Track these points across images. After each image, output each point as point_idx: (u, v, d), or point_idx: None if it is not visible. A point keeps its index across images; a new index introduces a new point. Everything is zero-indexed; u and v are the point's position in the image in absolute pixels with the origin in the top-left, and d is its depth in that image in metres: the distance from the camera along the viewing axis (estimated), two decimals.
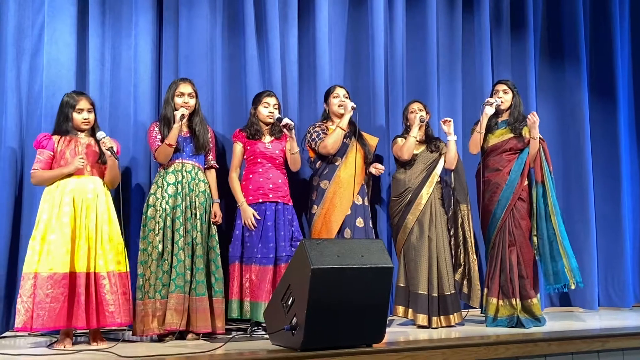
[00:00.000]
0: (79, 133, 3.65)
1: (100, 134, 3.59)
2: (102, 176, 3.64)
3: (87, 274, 3.44)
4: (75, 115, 3.61)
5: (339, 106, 4.28)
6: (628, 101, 5.91)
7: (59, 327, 3.36)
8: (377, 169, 4.37)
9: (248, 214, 3.95)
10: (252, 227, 3.93)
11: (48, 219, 3.45)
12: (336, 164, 4.25)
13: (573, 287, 4.24)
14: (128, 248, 3.85)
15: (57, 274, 3.35)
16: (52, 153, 3.57)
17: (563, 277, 4.23)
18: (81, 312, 3.37)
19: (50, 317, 3.31)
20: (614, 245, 5.62)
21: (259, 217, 3.95)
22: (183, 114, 3.77)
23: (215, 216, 3.93)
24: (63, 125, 3.61)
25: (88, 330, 3.52)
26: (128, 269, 3.60)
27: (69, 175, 3.53)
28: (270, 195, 4.01)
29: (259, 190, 4.00)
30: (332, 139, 4.19)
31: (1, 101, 3.99)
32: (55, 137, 3.60)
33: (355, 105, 4.20)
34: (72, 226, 3.45)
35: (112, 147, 3.55)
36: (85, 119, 3.62)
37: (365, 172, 4.40)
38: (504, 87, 4.47)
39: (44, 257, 3.38)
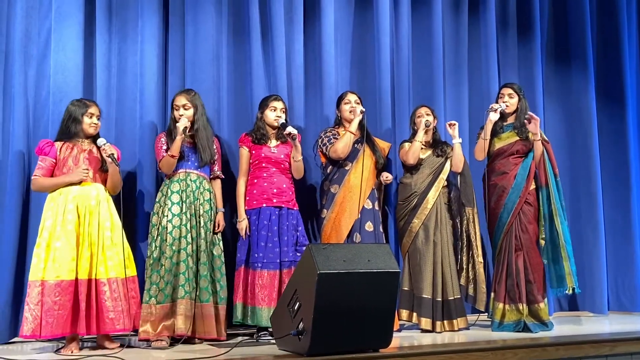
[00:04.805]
0: (82, 139, 3.67)
1: (100, 141, 3.62)
2: (104, 183, 3.66)
3: (89, 281, 3.45)
4: (85, 119, 3.64)
5: (349, 112, 4.28)
6: (637, 104, 5.86)
7: (65, 333, 3.38)
8: (384, 178, 4.33)
9: (241, 226, 3.98)
10: (244, 236, 3.97)
11: (52, 226, 3.45)
12: (346, 168, 4.24)
13: (570, 292, 4.22)
14: (134, 252, 3.86)
15: (64, 281, 3.37)
16: (54, 160, 3.59)
17: (565, 281, 4.20)
18: (82, 319, 3.38)
19: (58, 324, 3.32)
20: (624, 249, 5.57)
21: (248, 233, 3.96)
22: (186, 127, 3.80)
23: (219, 226, 3.95)
24: (71, 129, 3.63)
25: (96, 335, 3.54)
26: (135, 273, 3.61)
27: (72, 183, 3.55)
28: (274, 200, 4.00)
29: (263, 195, 4.00)
30: (342, 143, 4.18)
31: (9, 107, 4.02)
32: (58, 144, 3.62)
33: (364, 110, 4.21)
34: (77, 233, 3.46)
35: (112, 154, 3.57)
36: (94, 123, 3.66)
37: (377, 176, 4.39)
38: (510, 91, 4.45)
39: (50, 264, 3.39)
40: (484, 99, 5.15)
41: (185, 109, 3.91)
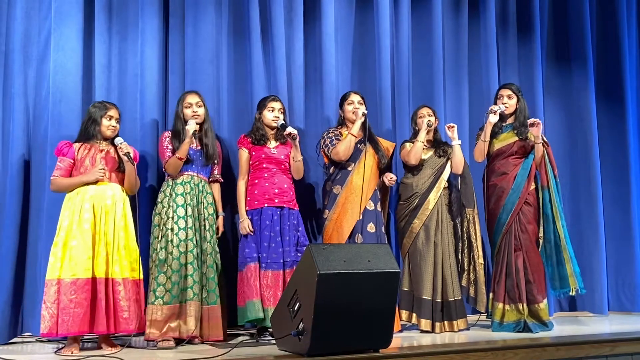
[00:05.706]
0: (100, 141, 3.69)
1: (117, 140, 3.67)
2: (121, 183, 3.69)
3: (106, 280, 3.48)
4: (104, 120, 3.67)
5: (352, 113, 4.27)
6: (637, 104, 5.87)
7: (83, 332, 3.39)
8: (388, 179, 4.31)
9: (244, 224, 3.96)
10: (251, 231, 3.93)
11: (69, 225, 3.48)
12: (349, 169, 4.24)
13: (573, 293, 4.21)
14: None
15: (80, 279, 3.39)
16: (72, 161, 3.63)
17: (568, 282, 4.20)
18: (102, 317, 3.41)
19: (74, 322, 3.35)
20: (624, 249, 5.57)
21: (252, 230, 3.94)
22: (195, 130, 3.82)
23: (218, 231, 3.96)
24: (90, 130, 3.66)
25: (97, 336, 3.55)
26: (142, 277, 3.62)
27: (88, 182, 3.57)
28: (276, 200, 4.00)
29: (265, 195, 3.99)
30: (344, 145, 4.18)
31: (9, 107, 4.03)
32: (76, 145, 3.66)
33: (366, 112, 4.21)
34: (93, 232, 3.49)
35: (128, 153, 3.61)
36: (113, 126, 3.69)
37: (379, 177, 4.38)
38: (509, 92, 4.44)
39: (67, 263, 3.41)
40: (484, 99, 5.15)
41: (198, 107, 3.94)
